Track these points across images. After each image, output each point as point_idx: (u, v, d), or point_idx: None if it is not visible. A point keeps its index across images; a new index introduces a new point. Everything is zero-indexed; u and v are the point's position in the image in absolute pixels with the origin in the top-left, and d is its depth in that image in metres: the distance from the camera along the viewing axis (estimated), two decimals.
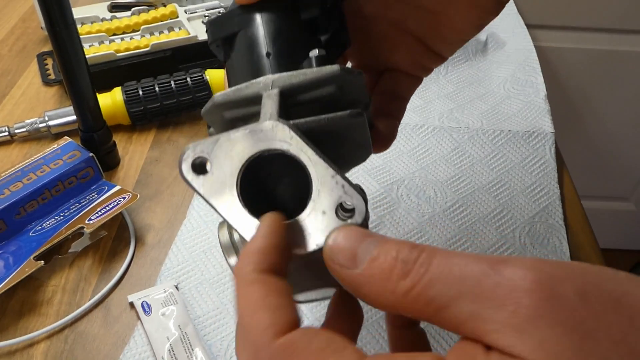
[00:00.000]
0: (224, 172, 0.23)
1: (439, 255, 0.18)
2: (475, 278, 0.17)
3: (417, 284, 0.18)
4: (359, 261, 0.19)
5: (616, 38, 1.00)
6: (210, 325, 0.42)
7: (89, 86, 0.50)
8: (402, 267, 0.18)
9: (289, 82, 0.25)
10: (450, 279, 0.17)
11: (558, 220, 0.50)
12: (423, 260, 0.18)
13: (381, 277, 0.18)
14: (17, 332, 0.42)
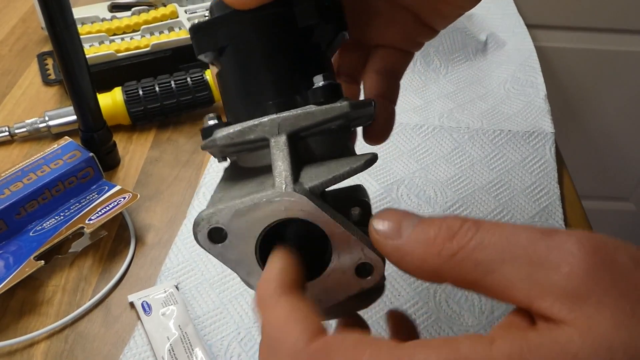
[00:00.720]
0: (242, 239, 0.23)
1: (486, 223, 0.18)
2: (527, 242, 0.17)
3: (464, 246, 0.17)
4: (403, 231, 0.19)
5: (616, 38, 1.00)
6: (210, 325, 0.42)
7: (89, 86, 0.50)
8: (447, 231, 0.18)
9: (297, 125, 0.24)
10: (501, 242, 0.17)
11: (558, 220, 0.50)
12: (470, 226, 0.18)
13: (426, 241, 0.18)
14: (17, 332, 0.42)
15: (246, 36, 0.25)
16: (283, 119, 0.24)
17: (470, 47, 0.71)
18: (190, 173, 0.55)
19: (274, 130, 0.24)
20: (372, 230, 0.21)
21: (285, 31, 0.25)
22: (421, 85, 0.66)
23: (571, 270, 0.16)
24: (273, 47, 0.25)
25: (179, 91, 0.59)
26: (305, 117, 0.24)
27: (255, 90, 0.25)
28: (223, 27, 0.25)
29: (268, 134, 0.24)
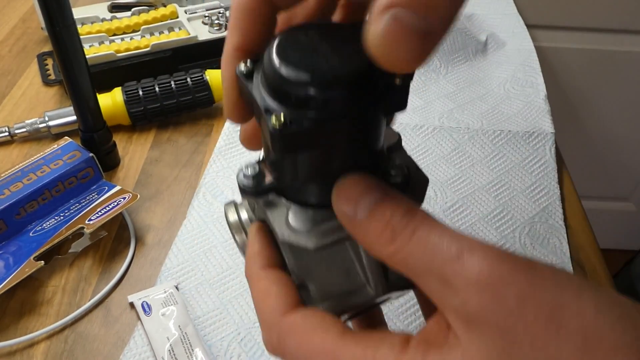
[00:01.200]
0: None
1: (423, 227, 0.20)
2: (443, 259, 0.19)
3: (400, 250, 0.20)
4: (358, 213, 0.21)
5: (616, 38, 1.01)
6: (210, 326, 0.42)
7: (89, 86, 0.50)
8: (390, 233, 0.20)
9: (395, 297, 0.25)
10: (425, 254, 0.19)
11: (558, 220, 0.50)
12: (409, 230, 0.20)
13: (374, 236, 0.20)
14: (17, 332, 0.42)
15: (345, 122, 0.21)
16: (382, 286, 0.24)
17: (470, 47, 0.71)
18: (190, 173, 0.55)
19: (378, 296, 0.24)
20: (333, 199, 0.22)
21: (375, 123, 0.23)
22: (421, 85, 0.66)
23: (465, 302, 0.18)
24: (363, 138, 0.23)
25: (178, 91, 0.59)
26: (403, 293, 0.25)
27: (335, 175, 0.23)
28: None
29: (372, 299, 0.25)
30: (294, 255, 0.25)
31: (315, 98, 0.19)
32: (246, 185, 0.24)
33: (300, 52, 0.21)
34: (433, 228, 0.20)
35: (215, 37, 0.66)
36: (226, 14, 0.70)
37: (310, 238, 0.23)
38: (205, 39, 0.66)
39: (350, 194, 0.21)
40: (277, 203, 0.24)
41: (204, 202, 0.51)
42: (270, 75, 0.20)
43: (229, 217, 0.29)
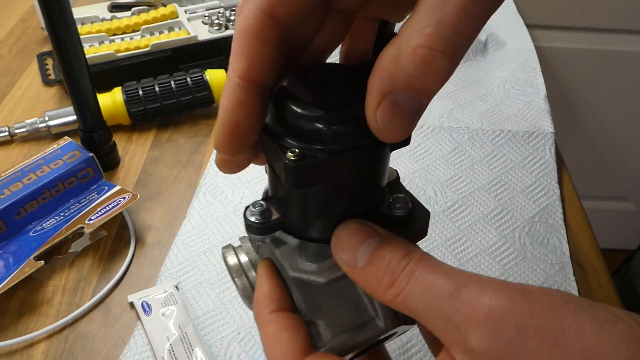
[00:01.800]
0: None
1: (421, 268, 0.21)
2: (441, 297, 0.19)
3: (400, 294, 0.21)
4: (358, 261, 0.22)
5: (616, 38, 1.00)
6: (210, 325, 0.42)
7: (89, 86, 0.50)
8: (389, 278, 0.21)
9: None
10: (424, 294, 0.20)
11: (558, 220, 0.50)
12: (406, 273, 0.21)
13: (374, 282, 0.21)
14: (17, 332, 0.42)
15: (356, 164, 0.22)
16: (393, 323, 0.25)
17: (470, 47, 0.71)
18: (190, 173, 0.55)
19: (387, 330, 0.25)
20: (332, 249, 0.23)
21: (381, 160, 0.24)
22: None
23: (466, 338, 0.19)
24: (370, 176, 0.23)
25: (178, 91, 0.59)
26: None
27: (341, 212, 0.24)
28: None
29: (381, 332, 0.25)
30: (302, 291, 0.26)
31: (328, 133, 0.21)
32: (254, 222, 0.25)
33: (312, 90, 0.22)
34: (429, 267, 0.20)
35: (215, 37, 0.66)
36: (226, 14, 0.69)
37: (320, 273, 0.24)
38: (205, 38, 0.66)
39: (349, 242, 0.22)
40: (283, 240, 0.25)
41: (204, 202, 0.51)
42: (284, 112, 0.21)
43: (229, 260, 0.29)
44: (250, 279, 0.28)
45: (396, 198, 0.25)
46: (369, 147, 0.21)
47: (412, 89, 0.18)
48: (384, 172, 0.24)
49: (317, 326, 0.25)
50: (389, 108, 0.18)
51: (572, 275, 0.46)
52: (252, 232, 0.25)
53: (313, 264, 0.24)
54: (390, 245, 0.22)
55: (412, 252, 0.21)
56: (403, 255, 0.21)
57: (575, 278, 0.46)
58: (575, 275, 0.46)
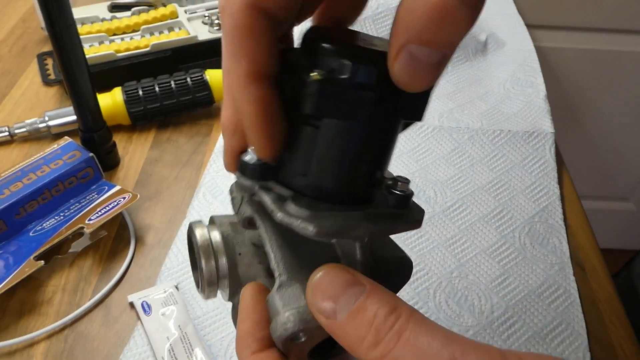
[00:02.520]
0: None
1: (410, 327, 0.19)
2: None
3: (385, 356, 0.19)
4: (338, 313, 0.20)
5: (616, 38, 1.00)
6: (210, 325, 0.42)
7: (89, 86, 0.50)
8: (374, 336, 0.19)
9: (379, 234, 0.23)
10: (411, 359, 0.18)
11: (558, 220, 0.50)
12: (394, 332, 0.19)
13: (356, 339, 0.19)
14: (17, 332, 0.42)
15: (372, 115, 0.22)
16: (374, 229, 0.22)
17: (470, 47, 0.71)
18: (190, 173, 0.55)
19: (364, 237, 0.23)
20: (308, 296, 0.21)
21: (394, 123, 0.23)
22: None
23: None
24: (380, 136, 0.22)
25: (178, 91, 0.59)
26: (390, 230, 0.23)
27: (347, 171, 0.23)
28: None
29: (359, 239, 0.23)
30: (282, 249, 0.24)
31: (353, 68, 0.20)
32: (249, 162, 0.23)
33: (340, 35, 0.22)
34: (421, 329, 0.19)
35: (215, 37, 0.66)
36: None
37: (312, 222, 0.22)
38: (205, 38, 0.66)
39: (329, 290, 0.20)
40: (277, 190, 0.23)
41: (204, 202, 0.51)
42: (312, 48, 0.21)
43: (198, 236, 0.26)
44: (219, 265, 0.26)
45: (398, 178, 0.24)
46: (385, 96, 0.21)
47: (428, 42, 0.17)
48: (391, 141, 0.23)
49: (293, 288, 0.23)
50: (406, 60, 0.18)
51: (572, 275, 0.46)
52: (246, 175, 0.23)
53: (303, 213, 0.22)
54: (376, 296, 0.20)
55: (400, 306, 0.19)
56: (390, 310, 0.19)
57: (575, 278, 0.46)
58: (575, 276, 0.46)
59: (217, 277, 0.26)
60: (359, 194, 0.23)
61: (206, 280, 0.26)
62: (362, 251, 0.23)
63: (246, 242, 0.27)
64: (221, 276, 0.26)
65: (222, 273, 0.26)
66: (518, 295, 0.44)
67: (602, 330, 0.43)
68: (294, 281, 0.23)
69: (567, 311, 0.43)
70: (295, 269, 0.23)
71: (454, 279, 0.45)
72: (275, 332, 0.22)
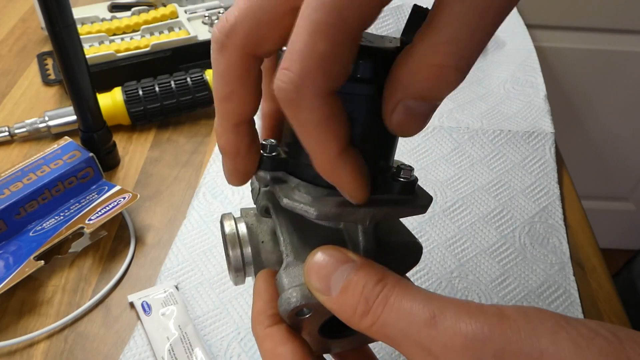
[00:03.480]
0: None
1: (396, 294, 0.20)
2: (418, 326, 0.19)
3: (375, 322, 0.20)
4: (332, 289, 0.22)
5: (616, 38, 1.01)
6: (210, 325, 0.42)
7: (89, 86, 0.50)
8: (364, 305, 0.21)
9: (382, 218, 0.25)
10: (400, 322, 0.20)
11: (558, 220, 0.50)
12: (381, 299, 0.20)
13: (349, 310, 0.21)
14: (17, 332, 0.42)
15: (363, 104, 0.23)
16: (375, 213, 0.24)
17: None
18: (190, 173, 0.55)
19: (365, 220, 0.24)
20: (306, 280, 0.23)
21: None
22: None
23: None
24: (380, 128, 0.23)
25: (178, 91, 0.59)
26: (392, 214, 0.25)
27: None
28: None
29: (360, 222, 0.24)
30: (290, 233, 0.26)
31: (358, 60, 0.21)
32: (264, 154, 0.24)
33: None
34: (405, 293, 0.20)
35: None
36: None
37: (314, 206, 0.23)
38: (205, 38, 0.66)
39: (322, 269, 0.22)
40: (287, 180, 0.25)
41: (204, 202, 0.51)
42: None
43: (226, 228, 0.28)
44: (244, 253, 0.28)
45: (402, 166, 0.25)
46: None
47: (423, 98, 0.20)
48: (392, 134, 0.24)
49: (298, 268, 0.25)
50: (402, 113, 0.20)
51: (572, 275, 0.46)
52: (260, 167, 0.25)
53: (308, 199, 0.24)
54: (365, 270, 0.21)
55: (387, 277, 0.21)
56: (377, 280, 0.21)
57: (575, 278, 0.46)
58: (575, 275, 0.46)
59: (243, 264, 0.28)
60: None
61: (233, 267, 0.28)
62: (364, 235, 0.24)
63: (268, 231, 0.29)
64: (247, 263, 0.28)
65: (247, 260, 0.28)
66: (518, 295, 0.44)
67: None
68: (299, 261, 0.25)
69: (567, 311, 0.43)
70: (301, 251, 0.25)
71: (454, 279, 0.45)
72: (280, 306, 0.24)
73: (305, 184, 0.24)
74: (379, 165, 0.25)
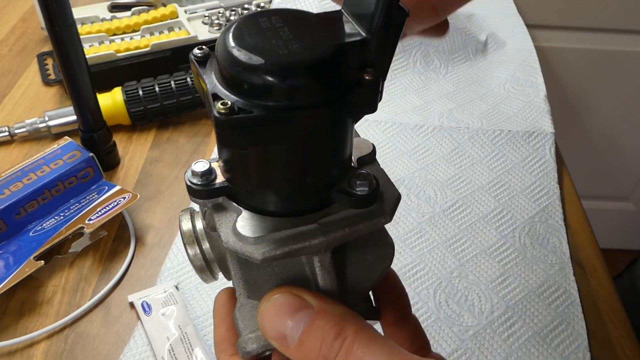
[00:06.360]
0: None
1: (355, 350, 0.19)
2: None
3: None
4: (288, 339, 0.20)
5: (616, 38, 1.00)
6: (210, 325, 0.42)
7: (89, 86, 0.50)
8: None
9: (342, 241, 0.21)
10: None
11: (558, 220, 0.50)
12: (340, 357, 0.19)
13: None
14: (17, 332, 0.42)
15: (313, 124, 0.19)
16: (331, 239, 0.21)
17: (470, 47, 0.71)
18: None
19: (319, 250, 0.21)
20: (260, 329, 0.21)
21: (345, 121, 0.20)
22: (421, 85, 0.66)
23: None
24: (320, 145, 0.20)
25: (178, 91, 0.59)
26: (351, 234, 0.21)
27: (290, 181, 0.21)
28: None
29: (314, 254, 0.22)
30: (242, 267, 0.23)
31: (268, 85, 0.17)
32: (194, 183, 0.21)
33: (258, 37, 0.19)
34: (365, 350, 0.19)
35: (215, 37, 0.66)
36: (226, 14, 0.69)
37: (258, 247, 0.20)
38: (205, 38, 0.66)
39: (276, 319, 0.21)
40: (228, 207, 0.22)
41: None
42: (222, 59, 0.18)
43: (182, 225, 0.26)
44: (203, 250, 0.25)
45: (358, 174, 0.21)
46: (313, 106, 0.18)
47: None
48: (340, 141, 0.21)
49: (253, 308, 0.22)
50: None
51: (572, 275, 0.46)
52: (193, 195, 0.22)
53: (253, 236, 0.20)
54: (322, 319, 0.20)
55: (347, 327, 0.20)
56: (336, 334, 0.19)
57: (575, 278, 0.46)
58: (575, 275, 0.46)
59: (205, 261, 0.26)
60: (313, 202, 0.21)
61: (196, 267, 0.26)
62: (321, 268, 0.22)
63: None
64: (209, 260, 0.26)
65: (209, 257, 0.25)
66: (518, 295, 0.44)
67: (602, 330, 0.43)
68: (254, 299, 0.23)
69: (567, 311, 0.43)
70: (254, 289, 0.23)
71: (454, 279, 0.45)
72: (239, 350, 0.22)
73: (247, 214, 0.21)
74: (331, 177, 0.21)
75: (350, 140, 0.21)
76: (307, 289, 0.21)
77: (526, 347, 0.41)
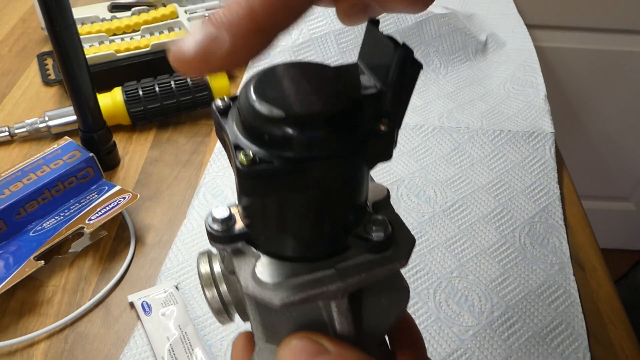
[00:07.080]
0: None
1: None
2: None
3: None
4: None
5: (616, 38, 1.01)
6: (210, 325, 0.42)
7: (89, 86, 0.50)
8: None
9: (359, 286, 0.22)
10: None
11: (558, 220, 0.50)
12: None
13: None
14: (17, 332, 0.42)
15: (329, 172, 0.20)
16: (348, 285, 0.21)
17: (470, 47, 0.71)
18: (190, 173, 0.55)
19: (336, 295, 0.21)
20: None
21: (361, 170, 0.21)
22: (421, 85, 0.66)
23: None
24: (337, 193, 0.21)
25: (179, 91, 0.59)
26: (367, 279, 0.22)
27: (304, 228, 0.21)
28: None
29: (331, 299, 0.22)
30: (260, 312, 0.23)
31: (288, 137, 0.18)
32: (215, 229, 0.22)
33: (278, 90, 0.20)
34: None
35: None
36: None
37: (277, 293, 0.21)
38: None
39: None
40: (247, 252, 0.22)
41: (204, 202, 0.51)
42: (244, 111, 0.19)
43: (201, 268, 0.26)
44: (221, 292, 0.26)
45: (374, 220, 0.22)
46: (331, 157, 0.19)
47: None
48: (357, 188, 0.22)
49: (272, 353, 0.23)
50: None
51: (572, 275, 0.46)
52: (213, 241, 0.22)
53: (272, 282, 0.21)
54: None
55: None
56: None
57: (575, 278, 0.46)
58: (575, 275, 0.46)
59: (223, 304, 0.26)
60: (329, 248, 0.22)
61: (214, 309, 0.26)
62: (338, 314, 0.22)
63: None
64: (227, 302, 0.26)
65: (227, 300, 0.26)
66: (518, 295, 0.44)
67: (602, 330, 0.43)
68: (273, 344, 0.23)
69: (567, 311, 0.43)
70: (272, 333, 0.23)
71: (454, 279, 0.45)
72: None
73: (265, 259, 0.22)
74: (347, 223, 0.22)
75: (365, 187, 0.22)
76: (325, 333, 0.22)
77: (526, 347, 0.41)
